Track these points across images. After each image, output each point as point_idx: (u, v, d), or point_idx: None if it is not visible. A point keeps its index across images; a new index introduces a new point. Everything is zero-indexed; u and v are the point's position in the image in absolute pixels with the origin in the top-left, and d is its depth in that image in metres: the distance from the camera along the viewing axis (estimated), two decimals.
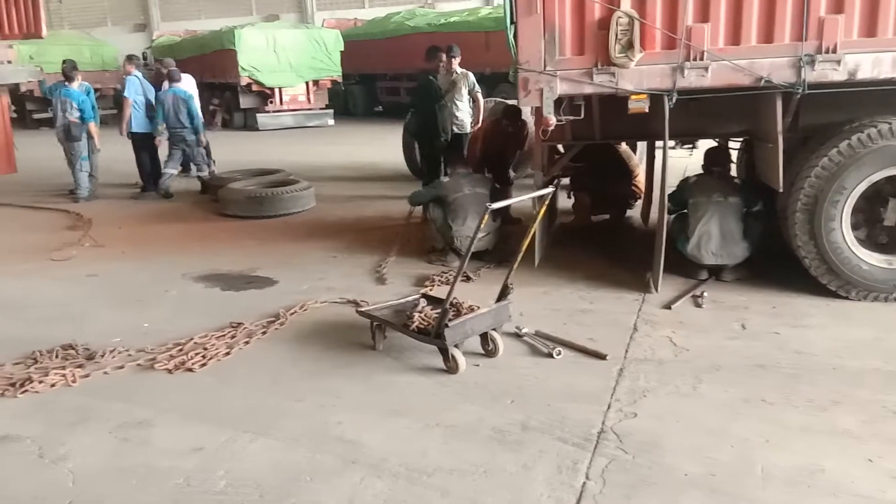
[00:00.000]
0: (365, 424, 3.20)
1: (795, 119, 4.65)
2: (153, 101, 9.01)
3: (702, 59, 4.36)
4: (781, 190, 4.57)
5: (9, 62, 9.98)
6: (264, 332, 4.29)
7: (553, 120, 4.56)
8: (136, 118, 8.97)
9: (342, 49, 18.41)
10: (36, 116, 20.00)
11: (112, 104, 17.75)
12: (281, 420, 3.27)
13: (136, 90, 8.99)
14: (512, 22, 4.56)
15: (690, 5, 4.33)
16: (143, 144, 9.11)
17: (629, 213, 6.91)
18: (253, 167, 9.47)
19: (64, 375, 3.72)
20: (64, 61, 9.66)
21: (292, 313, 4.58)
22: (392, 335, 4.03)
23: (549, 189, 4.13)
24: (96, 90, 9.40)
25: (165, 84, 9.28)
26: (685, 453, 2.87)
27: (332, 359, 3.93)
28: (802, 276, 4.65)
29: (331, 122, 18.35)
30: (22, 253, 6.44)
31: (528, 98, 4.56)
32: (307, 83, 18.18)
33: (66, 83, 8.86)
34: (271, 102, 17.84)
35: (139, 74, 9.32)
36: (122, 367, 3.86)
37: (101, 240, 6.81)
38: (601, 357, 3.78)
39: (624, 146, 6.78)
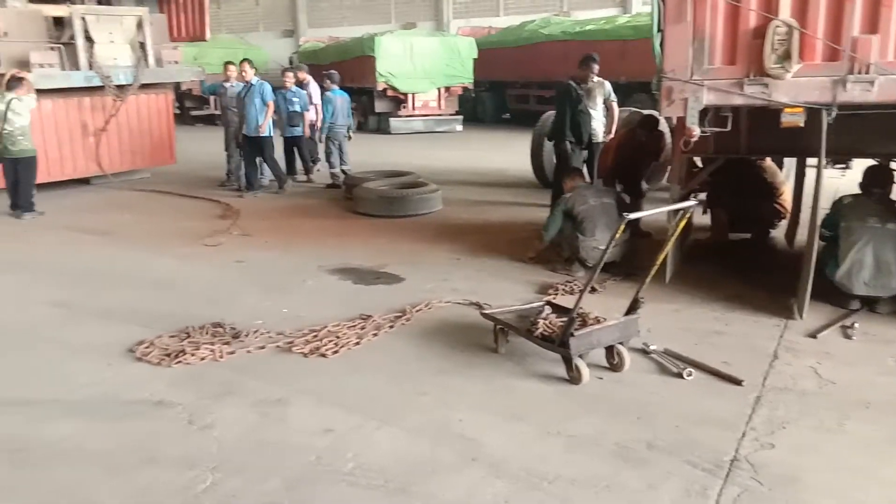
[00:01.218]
0: (485, 425, 3.24)
1: None
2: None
3: (867, 72, 4.06)
4: None
5: (175, 62, 10.92)
6: (391, 326, 4.45)
7: (697, 131, 4.39)
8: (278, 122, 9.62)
9: (475, 56, 18.66)
10: (194, 113, 21.82)
11: None
12: (405, 411, 3.38)
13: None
14: (659, 29, 4.44)
15: (858, 15, 4.04)
16: (289, 145, 9.93)
17: (773, 232, 6.51)
18: (385, 169, 9.83)
19: (213, 351, 4.05)
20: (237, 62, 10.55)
21: (418, 310, 4.71)
22: (514, 340, 4.05)
23: (691, 202, 3.98)
24: None
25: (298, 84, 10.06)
26: (826, 491, 2.68)
27: (455, 357, 4.01)
28: None
29: (459, 127, 18.64)
30: (179, 237, 7.06)
31: (671, 108, 4.43)
32: (439, 89, 18.59)
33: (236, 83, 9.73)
34: (404, 107, 18.38)
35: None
36: (263, 348, 4.15)
37: (247, 230, 7.33)
38: (737, 382, 3.60)
39: (769, 162, 6.40)
